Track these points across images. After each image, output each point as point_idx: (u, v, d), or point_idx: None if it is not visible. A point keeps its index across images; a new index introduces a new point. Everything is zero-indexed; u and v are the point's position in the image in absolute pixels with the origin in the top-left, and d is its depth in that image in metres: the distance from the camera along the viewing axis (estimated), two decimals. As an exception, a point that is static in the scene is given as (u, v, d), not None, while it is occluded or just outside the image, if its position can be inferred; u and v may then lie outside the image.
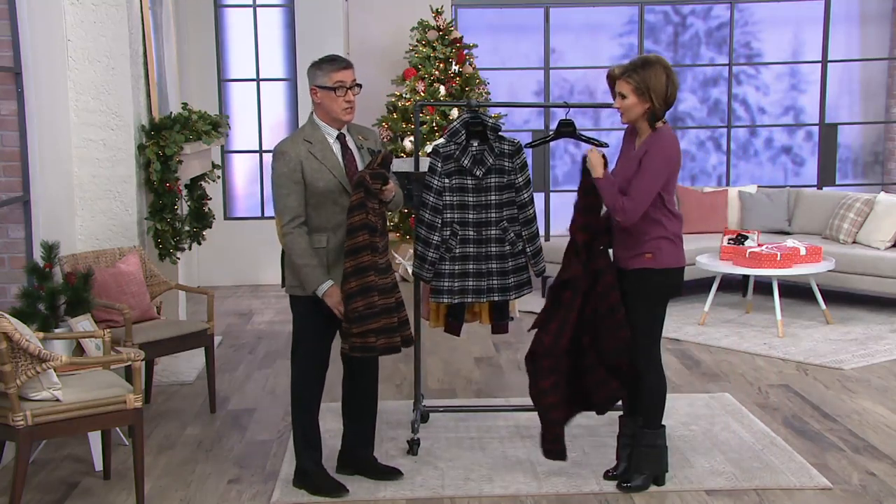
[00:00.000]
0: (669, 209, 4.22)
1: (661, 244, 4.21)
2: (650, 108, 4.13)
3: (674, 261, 4.24)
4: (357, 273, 4.06)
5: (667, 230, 4.21)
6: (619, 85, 4.19)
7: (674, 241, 4.24)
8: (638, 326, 4.25)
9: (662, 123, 4.21)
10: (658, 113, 4.15)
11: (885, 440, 4.90)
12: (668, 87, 4.12)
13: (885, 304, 7.90)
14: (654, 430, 4.31)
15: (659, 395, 4.31)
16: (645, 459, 4.32)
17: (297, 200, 4.10)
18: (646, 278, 4.23)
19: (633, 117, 4.19)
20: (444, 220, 4.68)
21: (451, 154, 4.66)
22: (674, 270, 4.26)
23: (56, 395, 3.92)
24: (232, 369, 6.40)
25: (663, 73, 4.11)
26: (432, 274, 4.69)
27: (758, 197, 8.81)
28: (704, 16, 10.75)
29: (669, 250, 4.22)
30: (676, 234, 4.26)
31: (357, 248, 4.06)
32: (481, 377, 6.18)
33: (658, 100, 4.11)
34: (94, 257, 5.48)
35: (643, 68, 4.13)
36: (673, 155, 4.17)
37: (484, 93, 9.37)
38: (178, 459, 4.78)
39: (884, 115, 10.89)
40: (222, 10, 9.30)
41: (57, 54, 5.65)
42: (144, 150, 6.00)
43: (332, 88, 4.11)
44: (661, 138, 4.17)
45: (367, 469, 4.46)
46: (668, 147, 4.16)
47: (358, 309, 4.06)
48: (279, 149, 4.15)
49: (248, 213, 9.56)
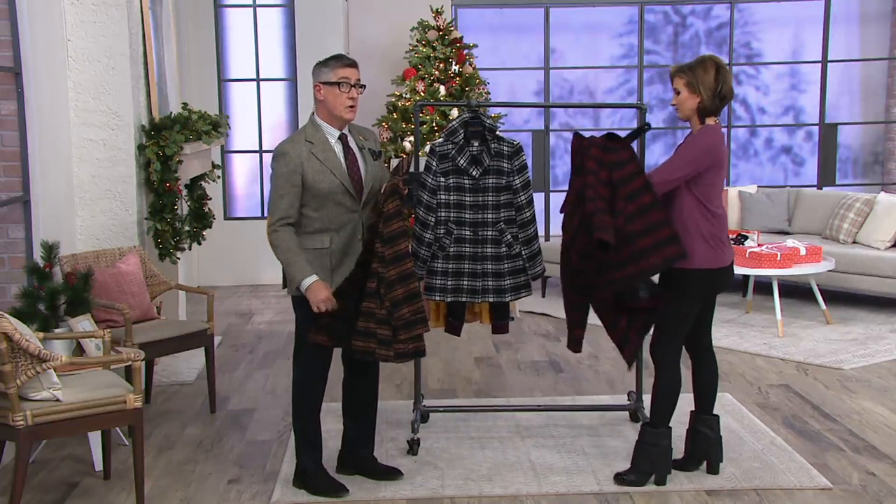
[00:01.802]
0: (708, 208, 4.19)
1: (695, 244, 4.19)
2: (700, 102, 4.18)
3: (707, 262, 4.20)
4: (402, 280, 4.08)
5: (701, 230, 4.19)
6: (675, 81, 4.26)
7: (709, 242, 4.19)
8: (661, 320, 4.30)
9: (714, 121, 4.24)
10: (708, 107, 4.20)
11: (885, 440, 4.90)
12: (717, 82, 4.17)
13: (885, 304, 7.90)
14: (657, 430, 4.31)
15: (666, 394, 4.32)
16: (645, 457, 4.32)
17: (290, 202, 4.08)
18: (678, 278, 4.23)
19: (687, 112, 4.24)
20: (439, 219, 4.68)
21: (447, 153, 4.66)
22: (705, 272, 4.20)
23: (56, 395, 3.92)
24: (232, 369, 6.40)
25: (713, 68, 4.18)
26: (424, 271, 4.70)
27: (758, 197, 8.82)
28: (704, 16, 10.75)
29: (703, 251, 4.19)
30: (714, 235, 4.20)
31: (399, 256, 4.08)
32: (481, 377, 6.18)
33: (707, 93, 4.17)
34: (94, 257, 5.48)
35: (696, 65, 4.22)
36: (710, 148, 4.17)
37: (484, 93, 9.37)
38: (178, 459, 4.78)
39: (884, 115, 10.89)
40: (222, 10, 9.30)
41: (57, 54, 5.65)
42: (144, 150, 6.00)
43: (337, 83, 4.10)
44: (703, 132, 4.22)
45: (367, 469, 4.46)
46: (706, 140, 4.18)
47: (405, 316, 4.07)
48: (280, 149, 4.13)
49: (248, 213, 9.56)
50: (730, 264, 4.30)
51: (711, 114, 4.23)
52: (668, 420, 4.33)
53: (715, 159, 4.18)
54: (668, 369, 4.30)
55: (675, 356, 4.32)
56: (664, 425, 4.32)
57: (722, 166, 4.23)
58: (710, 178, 4.19)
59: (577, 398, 5.68)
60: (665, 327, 4.30)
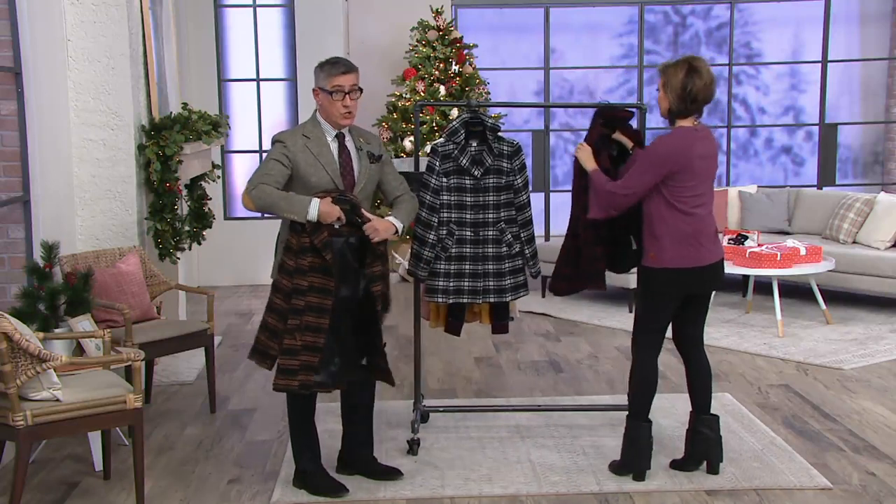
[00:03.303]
0: (679, 208, 4.17)
1: (663, 244, 4.20)
2: (669, 104, 4.17)
3: (678, 262, 4.19)
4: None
5: (671, 230, 4.18)
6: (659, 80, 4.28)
7: (683, 242, 4.18)
8: (636, 315, 4.40)
9: (692, 123, 4.20)
10: (674, 109, 4.17)
11: (886, 440, 4.90)
12: (685, 84, 4.11)
13: (885, 304, 7.90)
14: (633, 422, 4.37)
15: (638, 386, 4.37)
16: (626, 448, 4.40)
17: (274, 179, 4.04)
18: (647, 276, 4.29)
19: (662, 112, 4.25)
20: (441, 220, 4.68)
21: (449, 153, 4.66)
22: (673, 272, 4.21)
23: (56, 395, 3.92)
24: (232, 369, 6.40)
25: (684, 68, 4.13)
26: (427, 273, 4.69)
27: (758, 197, 8.82)
28: (704, 16, 10.75)
29: (672, 252, 4.19)
30: (689, 235, 4.18)
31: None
32: (481, 377, 6.18)
33: (673, 95, 4.13)
34: (94, 257, 5.48)
35: (671, 64, 4.21)
36: (668, 155, 4.13)
37: (484, 93, 9.38)
38: (178, 459, 4.78)
39: (883, 115, 10.89)
40: (222, 10, 9.30)
41: (57, 54, 5.65)
42: (144, 150, 6.00)
43: (330, 92, 4.13)
44: (663, 137, 4.19)
45: (366, 469, 4.46)
46: (667, 144, 4.15)
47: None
48: (278, 136, 4.20)
49: (248, 214, 9.55)
50: (712, 263, 4.24)
51: (682, 115, 4.18)
52: (644, 413, 4.36)
53: (678, 165, 4.12)
54: (642, 363, 4.36)
55: (650, 350, 4.35)
56: (639, 418, 4.36)
57: (690, 170, 4.14)
58: (680, 180, 4.15)
59: (576, 398, 5.68)
60: (639, 322, 4.38)
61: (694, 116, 4.20)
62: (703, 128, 4.27)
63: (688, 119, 4.19)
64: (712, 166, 4.26)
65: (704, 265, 4.23)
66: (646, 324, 4.36)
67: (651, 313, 4.34)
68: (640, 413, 4.36)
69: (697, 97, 4.12)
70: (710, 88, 4.16)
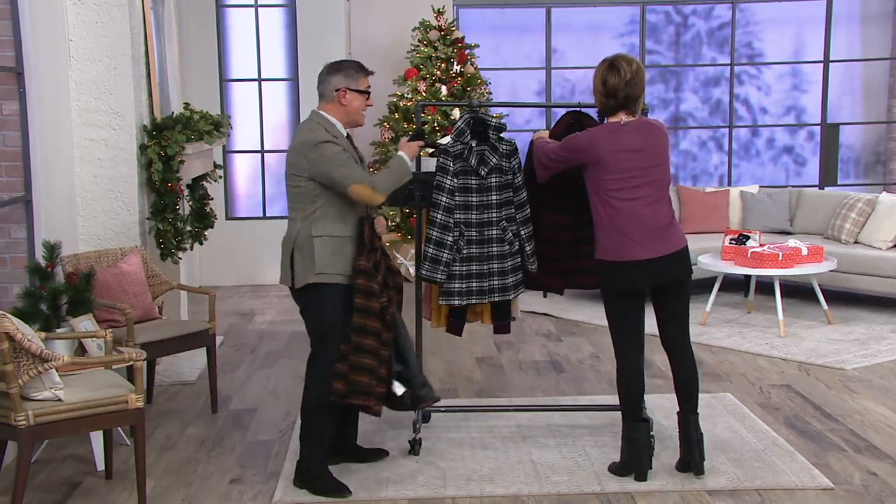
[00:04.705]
0: (609, 202, 4.18)
1: (599, 236, 4.28)
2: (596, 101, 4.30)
3: (610, 254, 4.21)
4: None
5: (603, 221, 4.23)
6: None
7: (612, 235, 4.19)
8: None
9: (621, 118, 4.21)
10: (598, 105, 4.29)
11: (887, 440, 4.90)
12: (605, 81, 4.21)
13: (887, 304, 7.90)
14: (628, 423, 4.37)
15: (622, 388, 4.37)
16: (625, 448, 4.41)
17: (359, 168, 4.22)
18: (598, 270, 4.36)
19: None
20: (455, 221, 4.69)
21: (459, 153, 4.67)
22: (611, 264, 4.22)
23: (58, 394, 3.92)
24: (233, 369, 6.40)
25: (601, 66, 4.25)
26: (446, 276, 4.68)
27: (759, 197, 8.81)
28: (706, 16, 10.75)
29: (606, 243, 4.23)
30: (615, 228, 4.17)
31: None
32: (483, 377, 6.18)
33: (595, 93, 4.27)
34: (96, 257, 5.48)
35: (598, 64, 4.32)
36: (578, 148, 4.22)
37: (485, 93, 9.38)
38: (179, 459, 4.78)
39: (885, 115, 10.89)
40: (224, 10, 9.30)
41: (59, 54, 5.66)
42: (146, 150, 6.01)
43: (366, 93, 4.27)
44: (589, 130, 4.31)
45: (352, 455, 4.57)
46: (581, 138, 4.26)
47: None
48: (319, 136, 4.15)
49: (249, 214, 9.56)
50: (644, 260, 4.14)
51: (608, 112, 4.25)
52: (636, 413, 4.36)
53: (587, 158, 4.19)
54: (623, 365, 4.35)
55: (627, 350, 4.32)
56: (633, 419, 4.35)
57: (603, 165, 4.15)
58: (596, 172, 4.20)
59: (578, 398, 5.68)
60: (609, 324, 4.39)
61: (624, 111, 4.22)
62: (642, 122, 4.25)
63: (617, 115, 4.23)
64: (647, 159, 4.17)
65: (636, 260, 4.15)
66: (612, 323, 4.36)
67: (611, 312, 4.36)
68: (632, 414, 4.36)
69: (617, 93, 4.18)
70: (632, 84, 4.16)
